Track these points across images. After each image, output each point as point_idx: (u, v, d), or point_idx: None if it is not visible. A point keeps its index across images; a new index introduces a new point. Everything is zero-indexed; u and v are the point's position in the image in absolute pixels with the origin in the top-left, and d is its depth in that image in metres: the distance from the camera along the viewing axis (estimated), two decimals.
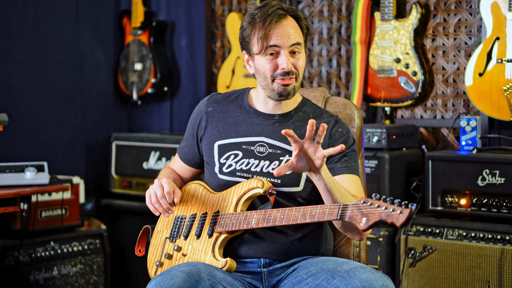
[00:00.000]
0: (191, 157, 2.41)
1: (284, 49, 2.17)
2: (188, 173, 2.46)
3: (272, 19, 2.16)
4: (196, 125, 2.37)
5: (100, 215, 4.27)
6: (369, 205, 1.88)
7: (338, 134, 2.25)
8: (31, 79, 4.10)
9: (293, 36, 2.18)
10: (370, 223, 1.87)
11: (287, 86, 2.19)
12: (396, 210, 1.84)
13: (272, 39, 2.17)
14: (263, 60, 2.19)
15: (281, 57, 2.18)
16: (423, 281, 3.28)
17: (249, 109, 2.30)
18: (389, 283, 1.98)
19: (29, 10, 4.07)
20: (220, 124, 2.31)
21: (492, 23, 3.33)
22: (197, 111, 2.38)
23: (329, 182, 2.05)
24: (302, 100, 2.33)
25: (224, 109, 2.33)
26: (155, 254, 2.31)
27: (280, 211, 2.07)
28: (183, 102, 4.48)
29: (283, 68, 2.17)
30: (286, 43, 2.17)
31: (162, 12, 4.53)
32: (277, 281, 2.20)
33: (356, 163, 2.25)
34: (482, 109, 3.39)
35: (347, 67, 4.02)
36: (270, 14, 2.16)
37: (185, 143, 2.43)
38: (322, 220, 1.98)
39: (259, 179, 2.17)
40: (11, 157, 3.67)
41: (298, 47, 2.19)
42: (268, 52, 2.18)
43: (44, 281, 3.59)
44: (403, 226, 1.83)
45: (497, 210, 3.17)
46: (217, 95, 2.38)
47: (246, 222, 2.12)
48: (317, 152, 1.97)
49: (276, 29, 2.17)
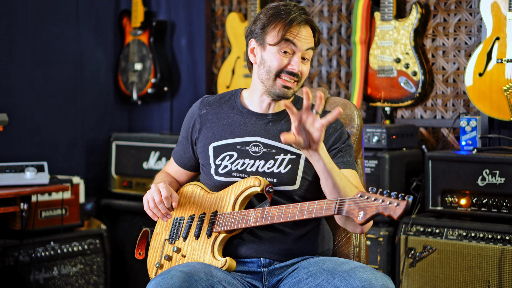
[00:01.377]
0: (186, 160, 2.41)
1: (298, 51, 2.19)
2: (184, 177, 2.46)
3: (299, 20, 2.18)
4: (190, 128, 2.36)
5: (100, 215, 4.27)
6: (366, 198, 1.90)
7: (332, 129, 2.25)
8: (31, 79, 4.10)
9: (310, 42, 2.21)
10: (367, 217, 1.88)
11: (289, 88, 2.20)
12: (393, 202, 1.85)
13: (293, 37, 2.18)
14: (275, 53, 2.19)
15: (294, 58, 2.19)
16: (423, 281, 3.28)
17: (242, 109, 2.31)
18: (389, 283, 1.99)
19: (29, 10, 4.07)
20: (214, 126, 2.31)
21: (492, 23, 3.33)
22: (191, 114, 2.38)
23: (329, 163, 2.05)
24: (294, 98, 2.33)
25: (217, 111, 2.34)
26: (154, 256, 2.31)
27: (278, 208, 2.07)
28: (183, 102, 4.48)
29: (293, 69, 2.18)
30: (303, 46, 2.19)
31: (162, 12, 4.53)
32: (277, 281, 2.20)
33: (352, 157, 2.25)
34: (482, 109, 3.39)
35: (347, 67, 4.02)
36: (298, 15, 2.19)
37: (179, 147, 2.43)
38: (319, 215, 1.99)
39: (256, 178, 2.17)
40: (11, 157, 3.67)
41: (310, 53, 2.22)
42: (284, 48, 2.18)
43: (44, 281, 3.59)
44: (400, 218, 1.85)
45: (497, 210, 3.17)
46: (210, 97, 2.39)
47: (244, 220, 2.13)
48: (315, 123, 1.98)
49: (299, 30, 2.19)
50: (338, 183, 2.06)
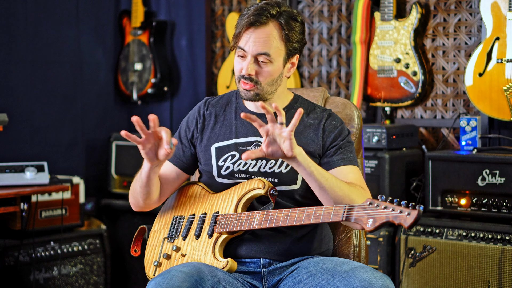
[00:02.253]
0: (184, 159, 2.35)
1: (249, 54, 2.18)
2: (172, 181, 2.37)
3: (249, 22, 2.16)
4: (193, 127, 2.33)
5: (100, 215, 4.27)
6: (375, 206, 1.89)
7: (331, 126, 2.25)
8: (31, 79, 4.10)
9: (262, 45, 2.16)
10: (377, 224, 1.87)
11: (248, 91, 2.20)
12: (403, 211, 1.84)
13: (241, 41, 2.18)
14: (235, 59, 2.23)
15: (245, 61, 2.19)
16: (423, 281, 3.28)
17: (243, 110, 2.30)
18: (389, 283, 1.98)
19: (29, 10, 4.07)
20: (216, 127, 2.31)
21: (492, 23, 3.33)
22: (194, 114, 2.36)
23: (309, 167, 2.04)
24: (294, 97, 2.33)
25: (219, 112, 2.33)
26: (152, 254, 2.30)
27: (283, 212, 2.06)
28: (183, 102, 4.48)
29: (243, 73, 2.18)
30: (251, 49, 2.17)
31: (162, 12, 4.53)
32: (277, 281, 2.20)
33: (353, 153, 2.24)
34: (482, 109, 3.39)
35: (347, 67, 4.02)
36: (252, 17, 2.16)
37: (177, 146, 2.35)
38: (327, 221, 1.98)
39: (260, 180, 2.17)
40: (11, 157, 3.67)
41: (265, 57, 2.17)
42: (238, 53, 2.20)
43: (44, 281, 3.59)
44: (411, 227, 1.84)
45: (497, 210, 3.17)
46: (212, 99, 2.39)
47: (247, 222, 2.12)
48: (283, 132, 1.98)
49: (248, 33, 2.17)
50: (323, 184, 2.06)
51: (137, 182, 2.27)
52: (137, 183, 2.27)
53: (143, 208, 2.36)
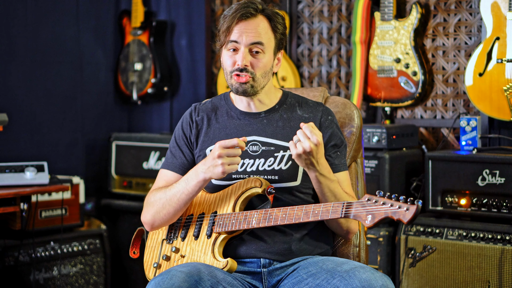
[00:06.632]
0: (188, 166, 2.30)
1: (243, 46, 2.19)
2: None
3: (238, 15, 2.18)
4: (188, 133, 2.32)
5: (100, 215, 4.27)
6: (374, 202, 1.89)
7: (328, 122, 2.28)
8: (31, 79, 4.10)
9: (255, 35, 2.19)
10: (376, 220, 1.88)
11: (243, 83, 2.20)
12: (402, 207, 1.85)
13: (233, 34, 2.19)
14: (225, 54, 2.23)
15: (239, 53, 2.19)
16: (423, 281, 3.28)
17: (235, 111, 2.31)
18: (389, 283, 1.98)
19: (29, 10, 4.07)
20: (210, 131, 2.30)
21: (492, 23, 3.33)
22: (186, 121, 2.34)
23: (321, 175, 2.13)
24: (283, 93, 2.35)
25: (210, 115, 2.33)
26: (152, 256, 2.30)
27: (282, 210, 2.07)
28: (183, 102, 4.48)
29: (238, 64, 2.19)
30: (245, 40, 2.18)
31: (162, 12, 4.53)
32: (277, 281, 2.19)
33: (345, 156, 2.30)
34: (482, 109, 3.39)
35: (347, 67, 4.02)
36: (239, 10, 2.19)
37: (175, 158, 2.33)
38: (325, 218, 1.99)
39: (257, 178, 2.17)
40: (11, 157, 3.67)
41: (259, 46, 2.20)
42: (229, 47, 2.20)
43: (44, 281, 3.59)
44: (410, 222, 1.84)
45: (497, 210, 3.17)
46: (200, 104, 2.38)
47: (246, 222, 2.12)
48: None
49: (239, 25, 2.19)
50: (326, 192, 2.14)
51: (172, 205, 2.21)
52: (172, 207, 2.21)
53: (157, 228, 2.32)
